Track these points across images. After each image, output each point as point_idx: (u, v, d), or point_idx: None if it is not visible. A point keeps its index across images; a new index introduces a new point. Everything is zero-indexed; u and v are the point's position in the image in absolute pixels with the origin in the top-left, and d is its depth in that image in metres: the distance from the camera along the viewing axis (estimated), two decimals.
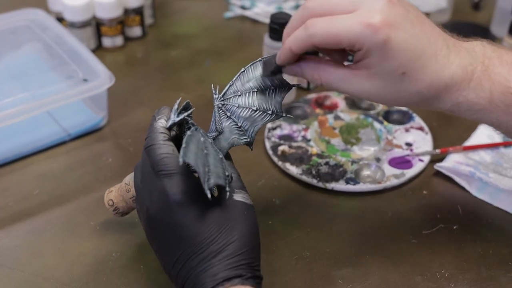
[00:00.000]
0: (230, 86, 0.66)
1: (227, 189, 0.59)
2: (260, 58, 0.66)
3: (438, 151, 0.71)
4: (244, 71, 0.66)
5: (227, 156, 0.66)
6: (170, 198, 0.58)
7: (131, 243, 0.73)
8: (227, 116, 0.65)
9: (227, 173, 0.60)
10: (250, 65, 0.66)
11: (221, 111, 0.65)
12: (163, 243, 0.60)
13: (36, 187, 0.81)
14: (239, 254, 0.57)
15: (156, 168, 0.59)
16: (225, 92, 0.66)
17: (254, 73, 0.66)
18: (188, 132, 0.59)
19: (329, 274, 0.71)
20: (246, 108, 0.65)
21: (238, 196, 0.61)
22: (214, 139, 0.65)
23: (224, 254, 0.57)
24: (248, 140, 0.66)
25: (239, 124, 0.65)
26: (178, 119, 0.62)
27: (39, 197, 0.80)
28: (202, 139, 0.61)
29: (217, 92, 0.66)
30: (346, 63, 0.62)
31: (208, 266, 0.57)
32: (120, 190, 0.69)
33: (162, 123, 0.63)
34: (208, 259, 0.57)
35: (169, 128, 0.63)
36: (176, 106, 0.63)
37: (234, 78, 0.66)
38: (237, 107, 0.65)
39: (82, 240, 0.74)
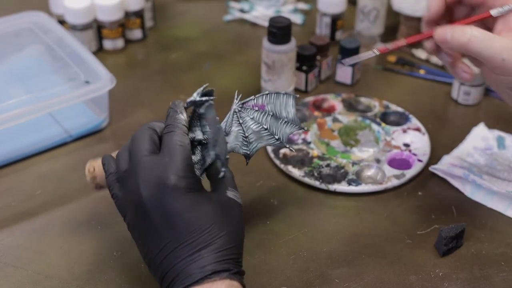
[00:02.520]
0: (252, 100, 0.68)
1: (223, 169, 0.62)
2: (283, 91, 0.69)
3: (376, 51, 0.67)
4: (268, 94, 0.68)
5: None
6: (170, 181, 0.59)
7: (132, 243, 0.73)
8: (239, 123, 0.68)
9: (227, 156, 0.63)
10: (275, 93, 0.68)
11: (235, 115, 0.68)
12: (151, 229, 0.60)
13: (38, 187, 0.83)
14: (227, 249, 0.59)
15: (166, 150, 0.61)
16: (246, 102, 0.68)
17: (275, 100, 0.68)
18: (211, 101, 0.64)
19: (325, 273, 0.72)
20: (258, 123, 0.68)
21: (231, 194, 0.63)
22: None
23: (213, 246, 0.58)
24: (248, 153, 0.69)
25: (246, 134, 0.68)
26: (199, 99, 0.65)
27: (41, 197, 0.81)
28: (217, 117, 0.65)
29: (238, 98, 0.68)
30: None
31: (197, 257, 0.58)
32: None
33: (184, 116, 0.65)
34: (197, 250, 0.58)
35: (186, 107, 0.66)
36: (201, 89, 0.66)
37: (258, 95, 0.68)
38: (251, 118, 0.68)
39: (84, 239, 0.76)
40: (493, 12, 0.63)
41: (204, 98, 0.65)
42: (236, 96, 0.68)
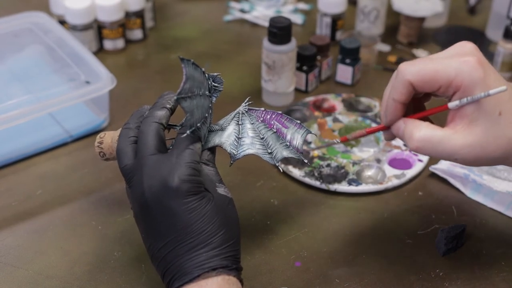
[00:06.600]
0: (260, 110, 0.67)
1: (189, 132, 0.61)
2: (299, 121, 0.67)
3: (338, 140, 0.69)
4: (281, 113, 0.67)
5: (212, 150, 0.67)
6: (173, 183, 0.59)
7: (132, 243, 0.74)
8: (237, 123, 0.67)
9: (198, 125, 0.62)
10: (288, 117, 0.67)
11: (237, 116, 0.67)
12: (153, 228, 0.61)
13: (38, 187, 0.83)
14: (226, 246, 0.60)
15: (176, 151, 0.61)
16: (254, 109, 0.68)
17: (285, 122, 0.67)
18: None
19: (326, 273, 0.72)
20: (256, 132, 0.67)
21: (221, 190, 0.63)
22: (212, 130, 0.67)
23: (212, 246, 0.59)
24: (234, 153, 0.67)
25: (239, 136, 0.67)
26: (207, 77, 0.65)
27: (41, 197, 0.81)
28: (204, 83, 0.64)
29: (247, 102, 0.68)
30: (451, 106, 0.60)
31: (195, 256, 0.59)
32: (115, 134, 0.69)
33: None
34: (196, 249, 0.59)
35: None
36: (214, 74, 0.66)
37: (270, 110, 0.67)
38: (251, 124, 0.67)
39: (84, 239, 0.76)
40: (451, 105, 0.59)
41: (209, 80, 0.65)
42: (246, 100, 0.68)
